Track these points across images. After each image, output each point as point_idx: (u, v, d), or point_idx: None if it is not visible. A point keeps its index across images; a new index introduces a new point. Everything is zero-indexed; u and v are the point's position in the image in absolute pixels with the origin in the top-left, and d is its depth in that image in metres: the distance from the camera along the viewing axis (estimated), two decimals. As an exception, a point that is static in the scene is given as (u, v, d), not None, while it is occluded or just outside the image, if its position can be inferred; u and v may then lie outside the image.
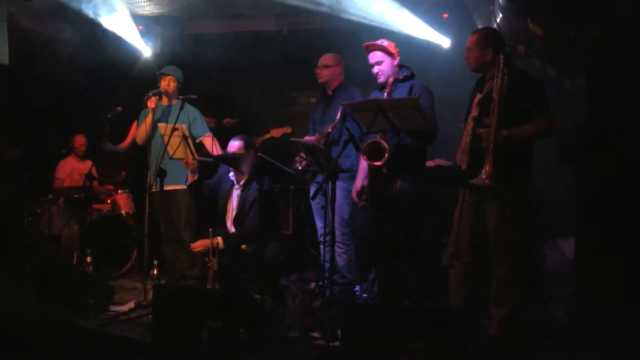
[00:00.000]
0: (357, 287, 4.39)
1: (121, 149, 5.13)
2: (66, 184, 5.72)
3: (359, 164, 3.98)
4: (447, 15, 5.44)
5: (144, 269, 4.25)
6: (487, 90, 3.20)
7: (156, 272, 4.17)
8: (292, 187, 5.16)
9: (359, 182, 3.93)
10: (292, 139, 4.11)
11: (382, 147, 3.51)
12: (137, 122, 4.76)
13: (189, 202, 4.57)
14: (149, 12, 6.06)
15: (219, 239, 4.10)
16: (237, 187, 4.37)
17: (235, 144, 4.31)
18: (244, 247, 4.24)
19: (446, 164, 4.74)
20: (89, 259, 4.61)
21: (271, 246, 4.14)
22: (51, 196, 5.49)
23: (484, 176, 2.95)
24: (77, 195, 5.45)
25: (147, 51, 6.16)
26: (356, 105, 3.61)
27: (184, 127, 4.22)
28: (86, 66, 5.82)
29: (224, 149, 4.57)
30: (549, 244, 4.35)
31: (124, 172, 6.00)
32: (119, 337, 3.39)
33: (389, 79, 3.78)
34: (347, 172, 3.88)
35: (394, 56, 3.83)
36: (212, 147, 4.63)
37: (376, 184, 3.67)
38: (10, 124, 5.94)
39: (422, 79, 3.90)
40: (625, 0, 3.43)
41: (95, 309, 3.83)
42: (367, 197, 3.81)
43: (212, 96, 5.54)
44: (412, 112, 3.33)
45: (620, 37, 3.49)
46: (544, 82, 3.21)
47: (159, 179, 3.95)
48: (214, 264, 4.03)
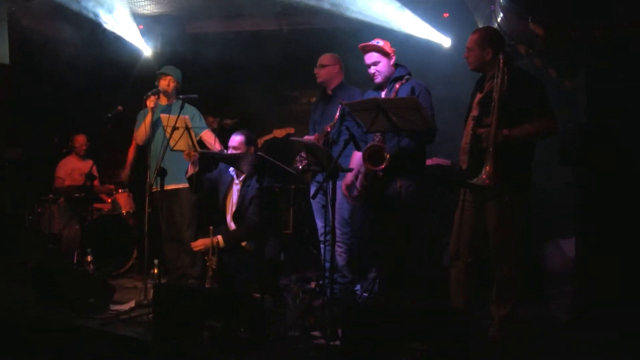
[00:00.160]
0: (357, 287, 4.39)
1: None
2: (67, 184, 5.73)
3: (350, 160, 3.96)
4: (448, 14, 5.45)
5: (144, 268, 4.24)
6: (487, 89, 3.19)
7: (156, 271, 4.17)
8: (292, 186, 5.16)
9: (350, 176, 3.90)
10: (292, 138, 4.11)
11: (382, 152, 3.51)
12: (136, 122, 4.75)
13: (192, 200, 4.57)
14: (149, 11, 6.06)
15: (219, 238, 4.10)
16: (237, 182, 4.37)
17: (236, 139, 4.30)
18: (245, 244, 4.24)
19: (445, 162, 4.75)
20: (89, 258, 4.59)
21: (271, 245, 4.14)
22: (52, 196, 5.50)
23: (484, 176, 2.95)
24: (77, 194, 5.46)
25: (147, 51, 6.15)
26: (356, 105, 3.62)
27: (187, 118, 4.18)
28: (86, 66, 5.81)
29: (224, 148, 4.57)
30: (549, 244, 4.35)
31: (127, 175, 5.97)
32: (119, 337, 3.39)
33: (389, 80, 3.79)
34: (348, 171, 3.88)
35: (390, 56, 3.83)
36: (213, 142, 4.64)
37: (375, 185, 3.66)
38: (10, 123, 5.92)
39: (422, 78, 3.90)
40: (625, 0, 3.44)
41: (95, 308, 3.83)
42: (358, 192, 3.81)
43: (212, 96, 5.54)
44: (412, 112, 3.34)
45: (620, 37, 3.50)
46: (545, 82, 3.20)
47: (159, 179, 3.95)
48: (213, 262, 4.03)
